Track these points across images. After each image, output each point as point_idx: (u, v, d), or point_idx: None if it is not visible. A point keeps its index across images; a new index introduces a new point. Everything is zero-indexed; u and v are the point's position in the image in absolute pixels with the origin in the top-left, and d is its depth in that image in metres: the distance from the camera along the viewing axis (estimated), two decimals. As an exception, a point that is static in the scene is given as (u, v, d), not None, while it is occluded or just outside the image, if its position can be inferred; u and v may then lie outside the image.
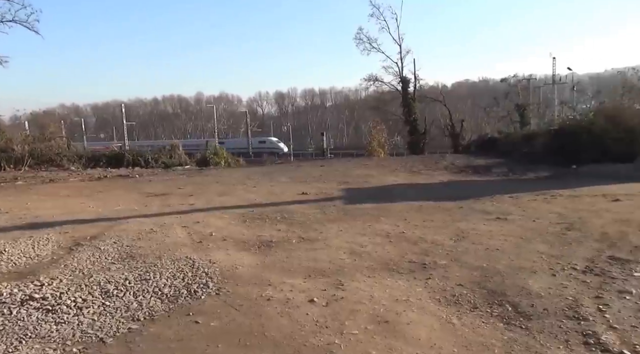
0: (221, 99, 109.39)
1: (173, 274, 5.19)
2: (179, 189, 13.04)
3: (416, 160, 18.31)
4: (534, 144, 16.61)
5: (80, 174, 19.10)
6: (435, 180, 13.18)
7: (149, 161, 23.96)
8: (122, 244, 6.55)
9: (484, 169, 14.95)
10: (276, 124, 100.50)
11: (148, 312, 4.14)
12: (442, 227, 7.05)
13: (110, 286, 4.79)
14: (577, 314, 3.83)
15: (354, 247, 6.16)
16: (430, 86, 37.66)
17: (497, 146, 19.21)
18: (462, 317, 3.92)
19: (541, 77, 48.93)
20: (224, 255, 5.95)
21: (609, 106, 17.86)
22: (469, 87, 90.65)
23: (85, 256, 5.97)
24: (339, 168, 17.10)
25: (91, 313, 4.13)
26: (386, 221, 7.73)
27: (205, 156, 26.68)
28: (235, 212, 8.88)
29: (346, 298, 4.36)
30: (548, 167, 13.98)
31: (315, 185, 12.70)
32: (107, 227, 7.79)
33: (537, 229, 6.63)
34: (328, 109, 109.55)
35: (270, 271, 5.28)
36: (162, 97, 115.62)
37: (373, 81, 35.78)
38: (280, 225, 7.72)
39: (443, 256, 5.57)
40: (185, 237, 7.03)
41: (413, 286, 4.65)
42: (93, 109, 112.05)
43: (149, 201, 10.98)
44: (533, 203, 8.67)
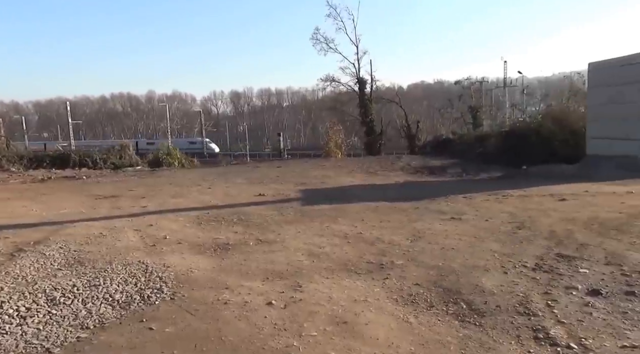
0: (174, 98, 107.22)
1: (125, 279, 5.01)
2: (130, 191, 12.65)
3: (373, 161, 18.52)
4: (487, 145, 17.17)
5: (21, 176, 18.24)
6: (391, 181, 13.36)
7: (96, 161, 23.16)
8: (69, 249, 6.26)
9: (439, 169, 15.28)
10: (232, 124, 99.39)
11: (98, 319, 3.96)
12: (399, 228, 7.14)
13: (56, 293, 4.56)
14: (527, 310, 3.94)
15: (312, 248, 6.14)
16: (386, 87, 38.22)
17: (452, 146, 19.72)
18: (419, 316, 3.97)
19: (493, 80, 50.72)
20: (178, 259, 5.79)
21: (556, 108, 18.71)
22: (424, 88, 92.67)
23: (28, 263, 5.67)
24: (296, 169, 17.08)
25: (36, 322, 3.91)
26: (344, 221, 7.75)
27: (157, 157, 26.02)
28: (190, 215, 8.68)
29: (305, 300, 4.33)
30: (500, 167, 14.46)
31: (272, 186, 12.62)
32: (53, 231, 7.44)
33: (489, 229, 6.81)
34: (285, 109, 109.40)
35: (227, 274, 5.18)
36: (111, 95, 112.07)
37: (330, 82, 36.11)
38: (237, 227, 7.60)
39: (400, 256, 5.63)
40: (137, 241, 6.81)
41: (371, 287, 4.66)
42: (35, 106, 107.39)
43: (97, 203, 10.60)
44: (486, 203, 8.92)
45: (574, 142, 14.74)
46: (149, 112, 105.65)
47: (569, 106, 18.82)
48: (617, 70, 13.46)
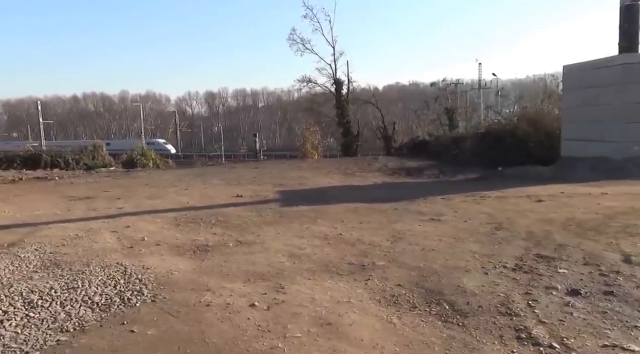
0: (148, 98, 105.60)
1: (103, 281, 4.92)
2: (104, 192, 12.41)
3: (350, 162, 18.61)
4: (463, 146, 17.42)
5: (-10, 177, 17.69)
6: (369, 182, 13.44)
7: (69, 162, 22.65)
8: (44, 251, 6.13)
9: (416, 171, 15.43)
10: (206, 124, 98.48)
11: (78, 322, 3.88)
12: (379, 229, 7.19)
13: (33, 296, 4.45)
14: (509, 310, 4.02)
15: (293, 250, 6.14)
16: (362, 88, 38.42)
17: (428, 148, 19.93)
18: (402, 317, 4.00)
19: (468, 82, 51.53)
20: (158, 260, 5.72)
21: (531, 110, 19.08)
22: (400, 90, 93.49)
23: (3, 265, 5.52)
24: (273, 170, 17.03)
25: (13, 325, 3.81)
26: (323, 223, 7.77)
27: (132, 157, 25.60)
28: (167, 216, 8.58)
29: (287, 301, 4.32)
30: (476, 169, 14.66)
31: (250, 187, 12.55)
32: (27, 233, 7.26)
33: (468, 230, 6.91)
34: (260, 109, 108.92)
35: (208, 276, 5.14)
36: (83, 95, 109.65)
37: (307, 83, 36.13)
38: (216, 228, 7.54)
39: (381, 257, 5.67)
40: (114, 242, 6.70)
41: (354, 288, 4.69)
42: (4, 106, 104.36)
43: (72, 205, 10.36)
44: (464, 204, 9.04)
45: (549, 144, 15.07)
46: (122, 113, 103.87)
47: (543, 108, 19.20)
48: (592, 73, 13.76)
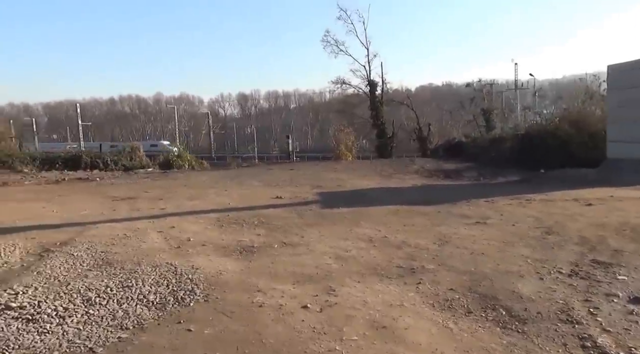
0: (182, 100, 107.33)
1: (156, 280, 5.01)
2: (145, 192, 12.69)
3: (385, 164, 18.49)
4: (502, 148, 17.05)
5: (35, 177, 18.33)
6: (407, 184, 13.32)
7: (108, 163, 23.30)
8: (96, 250, 6.28)
9: (455, 173, 15.19)
10: (239, 126, 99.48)
11: (136, 320, 3.96)
12: (424, 232, 7.10)
13: (91, 293, 4.57)
14: (570, 318, 3.90)
15: (339, 252, 6.12)
16: (395, 90, 38.07)
17: (465, 150, 19.59)
18: (459, 322, 3.93)
19: (502, 83, 50.36)
20: (205, 261, 5.79)
21: (573, 111, 18.52)
22: (433, 91, 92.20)
23: (58, 263, 5.68)
24: (309, 171, 17.08)
25: (75, 322, 3.91)
26: (366, 225, 7.73)
27: (168, 159, 26.13)
28: (210, 217, 8.69)
29: (340, 304, 4.31)
30: (516, 171, 14.35)
31: (288, 189, 12.61)
32: (77, 232, 7.47)
33: (517, 233, 6.76)
34: (292, 111, 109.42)
35: (257, 276, 5.17)
36: (119, 97, 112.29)
37: (341, 84, 35.99)
38: (259, 230, 7.60)
39: (430, 261, 5.60)
40: (162, 242, 6.82)
41: (405, 291, 4.63)
42: (45, 108, 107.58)
43: (115, 205, 10.63)
44: (509, 207, 8.85)
45: (593, 145, 14.57)
46: (156, 114, 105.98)
47: (585, 108, 18.59)
48: (637, 72, 13.27)
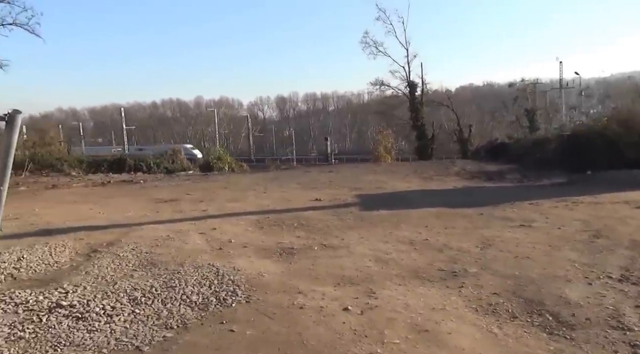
0: (221, 103, 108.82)
1: (198, 281, 5.11)
2: (187, 194, 12.95)
3: (426, 166, 18.22)
4: (546, 149, 16.46)
5: (82, 180, 19.03)
6: (448, 186, 13.08)
7: (150, 166, 23.95)
8: (140, 251, 6.48)
9: (497, 174, 14.81)
10: (277, 128, 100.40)
11: (180, 320, 4.06)
12: (466, 235, 6.96)
13: (137, 293, 4.71)
14: (620, 324, 3.74)
15: (379, 254, 6.08)
16: (434, 90, 37.43)
17: (508, 151, 19.00)
18: (503, 327, 3.83)
19: (546, 82, 48.65)
20: (246, 262, 5.87)
21: (622, 110, 17.70)
22: (473, 91, 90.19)
23: (105, 263, 5.89)
24: (348, 174, 17.01)
25: (122, 320, 4.04)
26: (406, 227, 7.64)
27: (208, 161, 26.66)
28: (250, 219, 8.80)
29: (381, 307, 4.27)
30: (562, 173, 13.84)
31: (327, 191, 12.61)
32: (122, 233, 7.71)
33: (564, 237, 6.53)
34: (330, 113, 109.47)
35: (298, 278, 5.20)
36: (161, 101, 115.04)
37: (379, 85, 35.68)
38: (299, 232, 7.64)
39: (472, 264, 5.48)
40: (203, 243, 6.96)
41: (447, 295, 4.56)
42: (91, 113, 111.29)
43: (159, 207, 10.90)
44: (555, 210, 8.57)
45: None
46: (197, 117, 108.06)
47: (635, 107, 17.73)
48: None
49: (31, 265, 5.84)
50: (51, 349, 3.51)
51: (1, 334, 3.74)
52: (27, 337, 3.72)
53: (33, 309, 4.29)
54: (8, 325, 3.93)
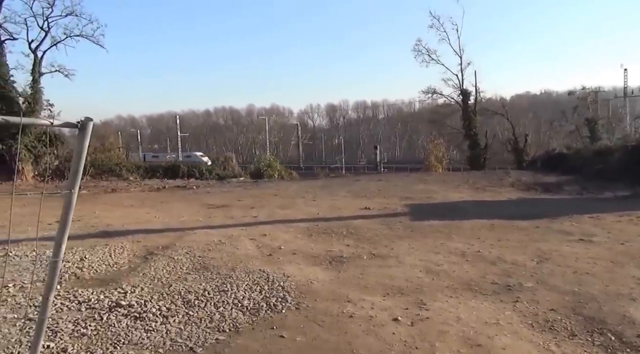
0: (272, 111, 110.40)
1: (250, 286, 5.20)
2: (238, 201, 13.21)
3: (478, 176, 17.76)
4: (609, 160, 15.64)
5: (139, 185, 19.83)
6: (502, 197, 12.68)
7: (203, 172, 24.71)
8: (194, 255, 6.67)
9: (555, 186, 14.21)
10: (327, 136, 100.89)
11: (232, 324, 4.14)
12: (520, 248, 6.73)
13: (190, 296, 4.85)
14: (692, 348, 3.50)
15: (429, 265, 5.97)
16: (489, 98, 36.38)
17: (567, 162, 18.17)
18: (561, 344, 3.67)
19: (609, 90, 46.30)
20: (296, 269, 5.92)
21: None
22: (530, 99, 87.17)
23: (161, 265, 6.10)
24: (398, 183, 16.85)
25: (177, 322, 4.17)
26: (458, 239, 7.47)
27: (259, 168, 27.20)
28: (299, 226, 8.88)
29: (431, 319, 4.20)
30: (626, 185, 13.10)
31: (377, 200, 12.53)
32: (177, 237, 7.98)
33: (628, 253, 6.19)
34: (380, 121, 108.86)
35: (347, 287, 5.19)
36: (214, 109, 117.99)
37: (431, 94, 35.12)
38: (348, 240, 7.63)
39: (527, 278, 5.29)
40: (254, 249, 7.08)
41: (501, 309, 4.41)
42: (148, 120, 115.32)
43: (211, 212, 11.18)
44: (618, 225, 8.13)
45: None
46: (248, 125, 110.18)
47: None
48: None
49: (93, 265, 6.14)
50: (111, 347, 3.66)
51: (66, 331, 3.94)
52: (89, 334, 3.90)
53: (95, 307, 4.51)
54: (72, 322, 4.14)
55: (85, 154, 2.03)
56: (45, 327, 2.72)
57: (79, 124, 1.94)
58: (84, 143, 1.99)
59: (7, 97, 20.96)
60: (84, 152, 2.01)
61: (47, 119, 1.99)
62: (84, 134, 1.97)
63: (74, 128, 1.96)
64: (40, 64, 22.71)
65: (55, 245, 2.18)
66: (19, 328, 3.97)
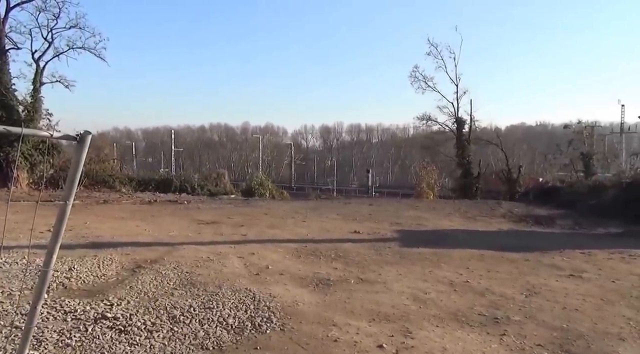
0: (267, 130, 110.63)
1: (235, 305, 5.15)
2: (229, 218, 13.15)
3: (470, 205, 17.81)
4: (603, 196, 15.68)
5: (131, 197, 19.71)
6: (493, 228, 12.70)
7: (195, 187, 24.61)
8: (181, 270, 6.62)
9: (547, 219, 14.23)
10: (320, 158, 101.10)
11: (216, 342, 4.10)
12: (510, 280, 6.72)
13: (176, 311, 4.79)
14: (678, 391, 3.48)
15: (417, 293, 5.94)
16: (483, 128, 36.58)
17: (560, 195, 18.21)
18: (547, 381, 3.64)
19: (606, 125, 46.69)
20: (283, 290, 5.88)
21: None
22: (525, 130, 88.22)
23: (148, 279, 6.04)
24: (389, 208, 16.85)
25: (161, 337, 4.12)
26: (447, 267, 7.46)
27: (251, 186, 27.14)
28: (288, 246, 8.83)
29: (417, 347, 4.16)
30: (619, 222, 13.11)
31: (367, 224, 12.52)
32: (166, 252, 7.91)
33: (618, 291, 6.18)
34: (374, 145, 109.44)
35: (333, 310, 5.15)
36: (210, 125, 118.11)
37: (426, 120, 35.30)
38: (336, 263, 7.60)
39: (516, 311, 5.27)
40: (242, 268, 7.03)
41: (487, 341, 4.39)
42: (144, 133, 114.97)
43: (201, 228, 11.12)
44: (609, 262, 8.14)
45: None
46: (242, 143, 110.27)
47: None
48: None
49: (81, 276, 6.08)
50: (93, 360, 3.60)
51: (50, 340, 3.91)
52: (73, 345, 3.86)
53: (80, 318, 4.45)
54: (57, 332, 4.10)
55: (81, 166, 2.02)
56: (32, 336, 2.67)
57: (78, 137, 1.93)
58: (82, 156, 1.98)
59: (8, 105, 21.05)
60: (80, 165, 2.00)
61: (48, 131, 1.99)
62: (82, 146, 1.96)
63: (73, 140, 1.95)
64: (42, 74, 22.80)
65: (46, 254, 2.15)
66: (5, 335, 3.93)
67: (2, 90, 20.70)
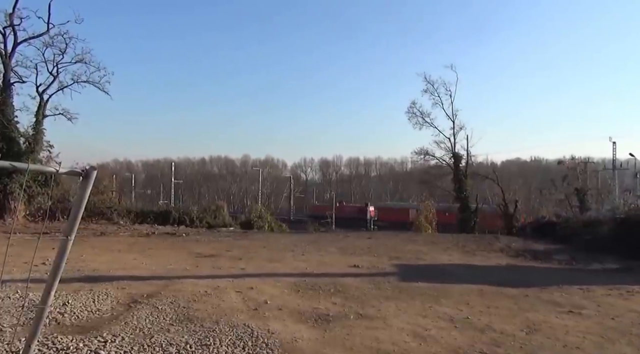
0: (267, 163, 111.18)
1: (233, 341, 5.08)
2: (227, 251, 13.09)
3: (468, 239, 17.76)
4: (598, 231, 15.74)
5: (128, 229, 19.65)
6: (492, 262, 12.63)
7: (194, 220, 24.53)
8: (178, 305, 6.55)
9: (544, 254, 14.17)
10: (319, 191, 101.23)
11: (214, 382, 4.01)
12: (510, 316, 6.65)
13: (172, 349, 4.72)
14: None
15: (417, 329, 5.87)
16: (479, 162, 36.95)
17: (556, 230, 18.31)
18: None
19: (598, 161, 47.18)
20: (281, 326, 5.80)
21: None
22: (520, 166, 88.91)
23: (144, 315, 5.97)
24: (388, 242, 16.79)
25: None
26: (447, 303, 7.39)
27: (249, 219, 27.06)
28: (287, 281, 8.76)
29: (418, 387, 4.09)
30: (615, 258, 13.09)
31: (366, 258, 12.45)
32: (163, 286, 7.84)
33: (618, 329, 6.12)
34: (372, 179, 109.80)
35: (332, 347, 5.08)
36: (210, 158, 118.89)
37: (424, 155, 35.61)
38: (335, 298, 7.53)
39: (517, 349, 5.20)
40: (240, 303, 6.95)
41: (489, 380, 4.32)
42: (144, 165, 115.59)
43: (199, 261, 11.05)
44: (608, 298, 8.08)
45: None
46: (242, 176, 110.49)
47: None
48: None
49: (75, 311, 6.00)
50: (86, 400, 3.52)
51: (40, 380, 3.80)
52: (64, 384, 3.76)
53: (72, 356, 4.36)
54: (48, 371, 4.00)
55: (85, 202, 2.05)
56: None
57: (83, 172, 1.97)
58: (86, 191, 2.01)
59: (9, 137, 21.22)
60: (85, 200, 2.03)
61: (53, 167, 2.02)
62: (87, 182, 2.00)
63: (78, 176, 1.99)
64: (45, 107, 23.07)
65: (44, 291, 2.15)
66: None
67: (5, 122, 20.93)
